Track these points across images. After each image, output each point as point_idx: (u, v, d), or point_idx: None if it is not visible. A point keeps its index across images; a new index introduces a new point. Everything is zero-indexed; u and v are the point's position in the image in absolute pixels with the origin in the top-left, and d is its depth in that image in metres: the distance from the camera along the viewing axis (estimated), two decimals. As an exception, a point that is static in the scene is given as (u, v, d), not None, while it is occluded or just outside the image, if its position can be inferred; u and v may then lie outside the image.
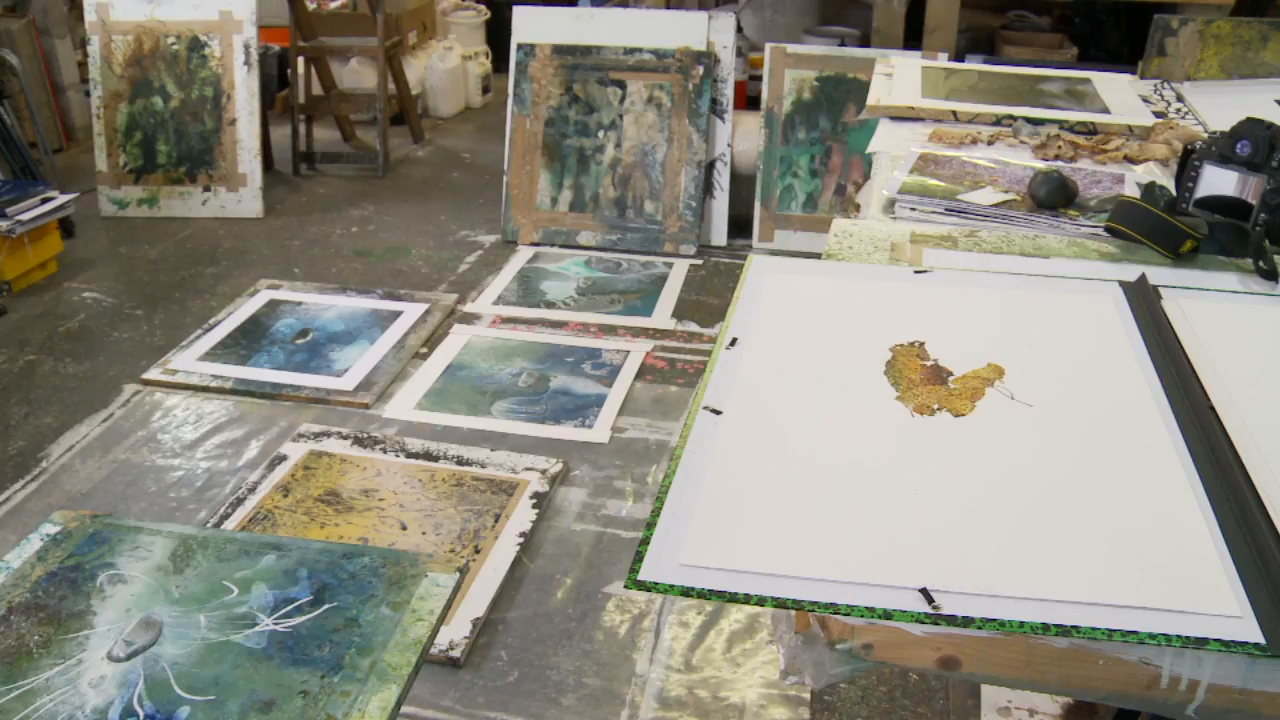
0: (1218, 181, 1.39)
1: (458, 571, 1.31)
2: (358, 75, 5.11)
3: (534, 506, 2.41)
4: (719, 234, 3.80)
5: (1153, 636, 0.74)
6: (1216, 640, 0.73)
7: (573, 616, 2.16)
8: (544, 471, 2.53)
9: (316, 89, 4.76)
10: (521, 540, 2.31)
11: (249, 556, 1.34)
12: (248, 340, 3.12)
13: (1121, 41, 4.61)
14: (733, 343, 1.06)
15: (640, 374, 3.00)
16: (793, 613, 0.81)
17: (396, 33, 4.78)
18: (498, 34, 5.58)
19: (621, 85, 3.75)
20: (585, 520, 2.42)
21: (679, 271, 3.62)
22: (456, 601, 2.08)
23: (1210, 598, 0.76)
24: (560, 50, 3.81)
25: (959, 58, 3.86)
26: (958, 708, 1.98)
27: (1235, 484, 0.88)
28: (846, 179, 3.68)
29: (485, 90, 5.73)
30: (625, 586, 0.79)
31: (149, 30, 3.99)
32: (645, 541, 0.81)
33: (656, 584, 0.77)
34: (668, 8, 4.21)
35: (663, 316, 3.31)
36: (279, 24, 4.60)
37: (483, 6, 5.95)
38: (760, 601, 0.76)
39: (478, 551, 2.26)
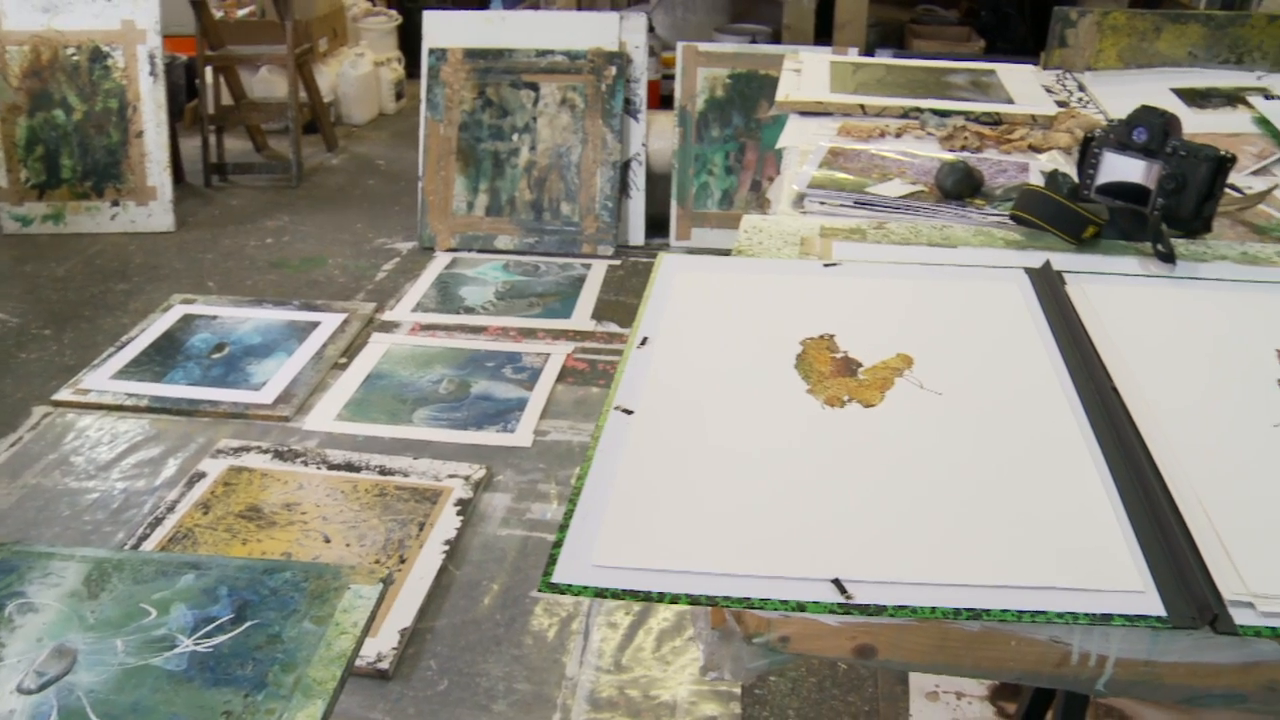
0: (1117, 168, 1.41)
1: (381, 582, 1.30)
2: (268, 84, 5.04)
3: (458, 513, 2.39)
4: (636, 234, 3.81)
5: (1060, 616, 0.75)
6: (1121, 616, 0.75)
7: (501, 622, 2.15)
8: (467, 478, 2.51)
9: (226, 99, 4.68)
10: (447, 548, 2.29)
11: (167, 577, 1.32)
12: (162, 357, 3.07)
13: (1027, 33, 4.69)
14: (643, 342, 1.06)
15: (561, 376, 2.99)
16: (709, 609, 0.81)
17: (306, 40, 4.72)
18: (410, 39, 5.53)
19: (535, 88, 3.74)
20: (510, 525, 2.41)
21: (597, 272, 3.62)
22: (382, 612, 2.06)
23: (1115, 575, 0.78)
24: (472, 54, 3.79)
25: (869, 52, 3.91)
26: (886, 694, 2.00)
27: (1138, 463, 0.89)
28: (762, 175, 3.71)
29: (399, 96, 5.68)
30: (539, 590, 0.78)
31: (47, 41, 3.90)
32: (558, 544, 0.81)
33: (570, 586, 0.77)
34: (579, 9, 4.20)
35: (582, 318, 3.31)
36: (185, 33, 4.51)
37: (394, 12, 5.90)
38: (674, 599, 0.76)
39: (403, 561, 2.25)
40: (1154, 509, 0.85)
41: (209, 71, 4.49)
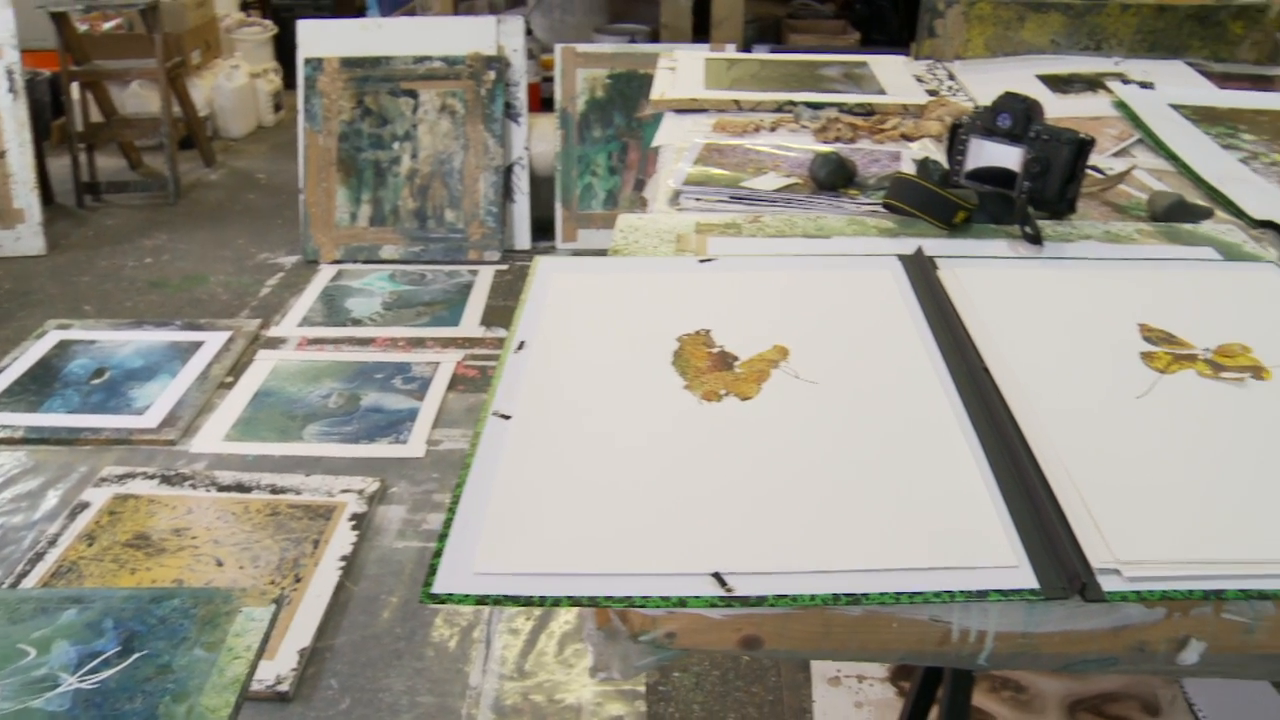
0: (984, 154, 1.45)
1: (273, 603, 1.27)
2: (140, 99, 4.91)
3: (354, 528, 2.36)
4: (522, 238, 3.79)
5: (938, 595, 0.76)
6: (996, 591, 0.77)
7: (401, 636, 2.12)
8: (361, 492, 2.48)
9: (96, 116, 4.55)
10: (343, 564, 2.26)
11: (47, 614, 1.28)
12: (38, 385, 2.97)
13: (900, 25, 4.77)
14: (520, 346, 1.06)
15: (452, 384, 2.97)
16: (594, 610, 0.81)
17: (178, 53, 4.61)
18: (287, 49, 5.44)
19: (414, 95, 3.71)
20: (406, 537, 2.39)
21: (484, 278, 3.60)
22: (280, 633, 2.03)
23: (989, 551, 0.80)
24: (349, 63, 3.74)
25: (747, 48, 3.94)
26: (789, 682, 2.02)
27: (1009, 441, 0.91)
28: (645, 174, 3.72)
29: (277, 108, 5.58)
30: (420, 601, 0.77)
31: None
32: (438, 554, 0.80)
33: (451, 595, 0.76)
34: (456, 14, 4.17)
35: (471, 325, 3.29)
36: (46, 47, 4.37)
37: (269, 22, 5.79)
38: (556, 602, 0.76)
39: (299, 580, 2.21)
40: (1025, 485, 0.87)
41: (75, 87, 4.36)
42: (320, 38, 3.77)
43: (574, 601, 0.76)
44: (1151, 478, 0.89)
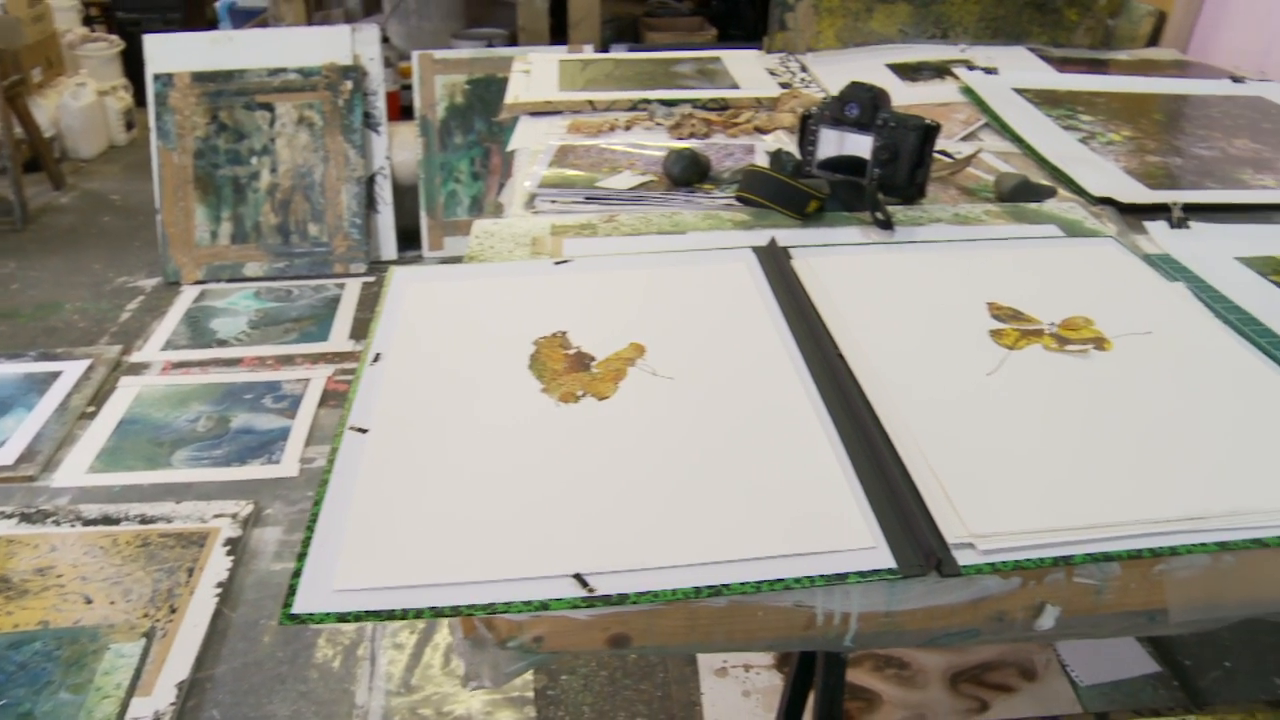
0: (835, 143, 1.47)
1: (143, 637, 1.24)
2: (-21, 123, 4.72)
3: (229, 554, 2.30)
4: (388, 248, 3.74)
5: (798, 581, 0.77)
6: (855, 573, 0.78)
7: (284, 659, 2.08)
8: (235, 516, 2.42)
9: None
10: (220, 591, 2.20)
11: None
12: (-120, 428, 2.84)
13: (757, 20, 4.82)
14: (376, 359, 1.04)
15: (323, 400, 2.92)
16: (461, 620, 0.80)
17: (16, 71, 4.44)
18: (136, 65, 5.28)
19: (270, 108, 3.63)
20: (284, 559, 2.34)
21: (352, 291, 3.55)
22: (155, 667, 1.96)
23: (847, 534, 0.81)
24: (201, 77, 3.65)
25: (605, 48, 3.95)
26: (677, 677, 2.03)
27: (864, 424, 0.93)
28: (508, 179, 3.71)
29: (129, 126, 5.41)
30: (280, 623, 0.76)
31: None
32: (297, 574, 0.79)
33: (311, 615, 0.75)
34: (310, 24, 4.10)
35: (340, 339, 3.24)
36: None
37: (114, 37, 5.61)
38: (419, 614, 0.75)
39: (174, 611, 2.14)
40: (881, 467, 0.88)
41: (-94, 113, 4.17)
42: (169, 52, 3.67)
43: (436, 612, 0.75)
44: (1002, 452, 0.92)
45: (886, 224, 1.37)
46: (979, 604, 0.83)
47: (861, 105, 1.45)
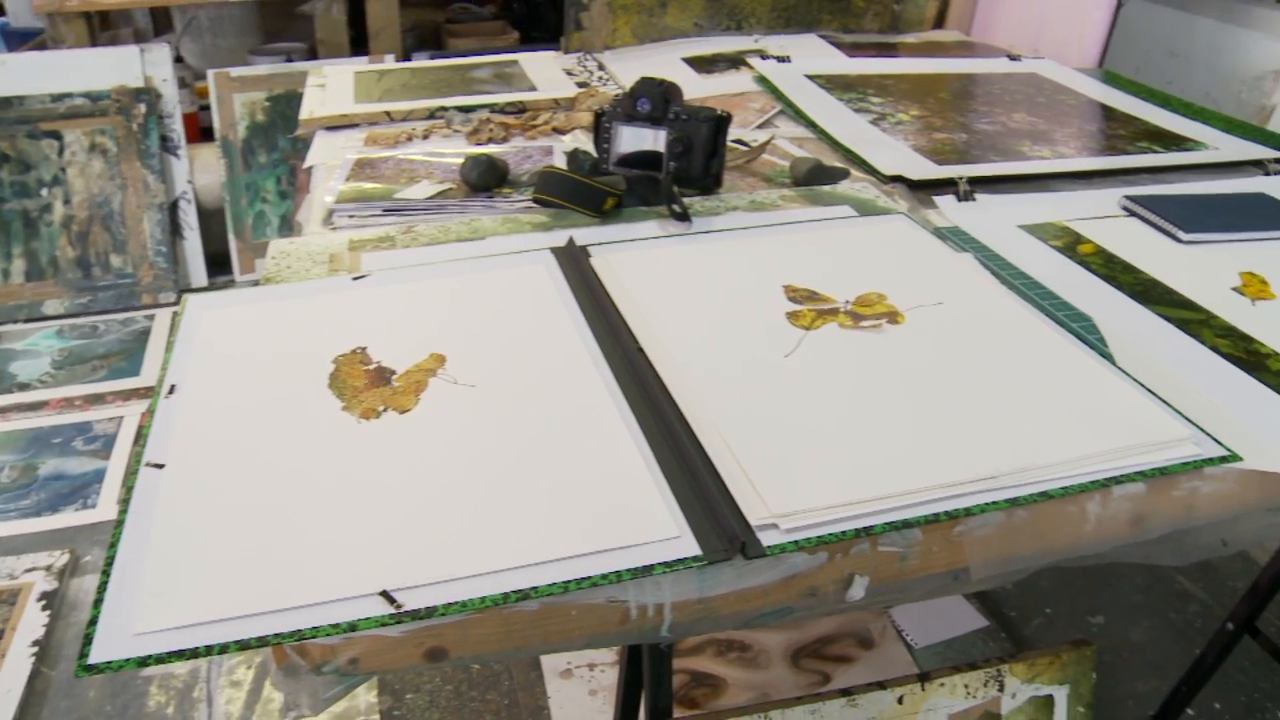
0: (630, 139, 1.48)
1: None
2: None
3: (44, 608, 2.20)
4: (198, 275, 3.62)
5: (605, 576, 0.77)
6: (661, 564, 0.79)
7: (113, 713, 1.99)
8: (49, 567, 2.31)
9: None
10: (36, 649, 2.10)
11: None
12: None
13: (558, 20, 4.83)
14: (171, 390, 1.01)
15: (139, 438, 2.81)
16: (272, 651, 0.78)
17: None
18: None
19: (57, 136, 3.47)
20: (105, 605, 2.24)
21: (163, 322, 3.42)
22: (-31, 736, 1.86)
23: (652, 526, 0.81)
24: (-22, 109, 3.47)
25: (407, 57, 3.90)
26: (523, 683, 2.02)
27: (665, 417, 0.94)
28: (305, 195, 3.63)
29: (-92, 166, 5.11)
30: (76, 675, 0.72)
31: None
32: (93, 622, 0.75)
33: (110, 663, 0.72)
34: (95, 45, 3.93)
35: (153, 373, 3.12)
36: None
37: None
38: (223, 649, 0.72)
39: (-13, 673, 2.04)
40: (683, 456, 0.89)
41: None
42: (-62, 83, 3.47)
43: (241, 645, 0.73)
44: (802, 431, 0.94)
45: (683, 216, 1.38)
46: (790, 582, 0.85)
47: (653, 100, 1.46)
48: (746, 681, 2.03)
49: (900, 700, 1.19)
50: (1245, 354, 1.16)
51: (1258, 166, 1.77)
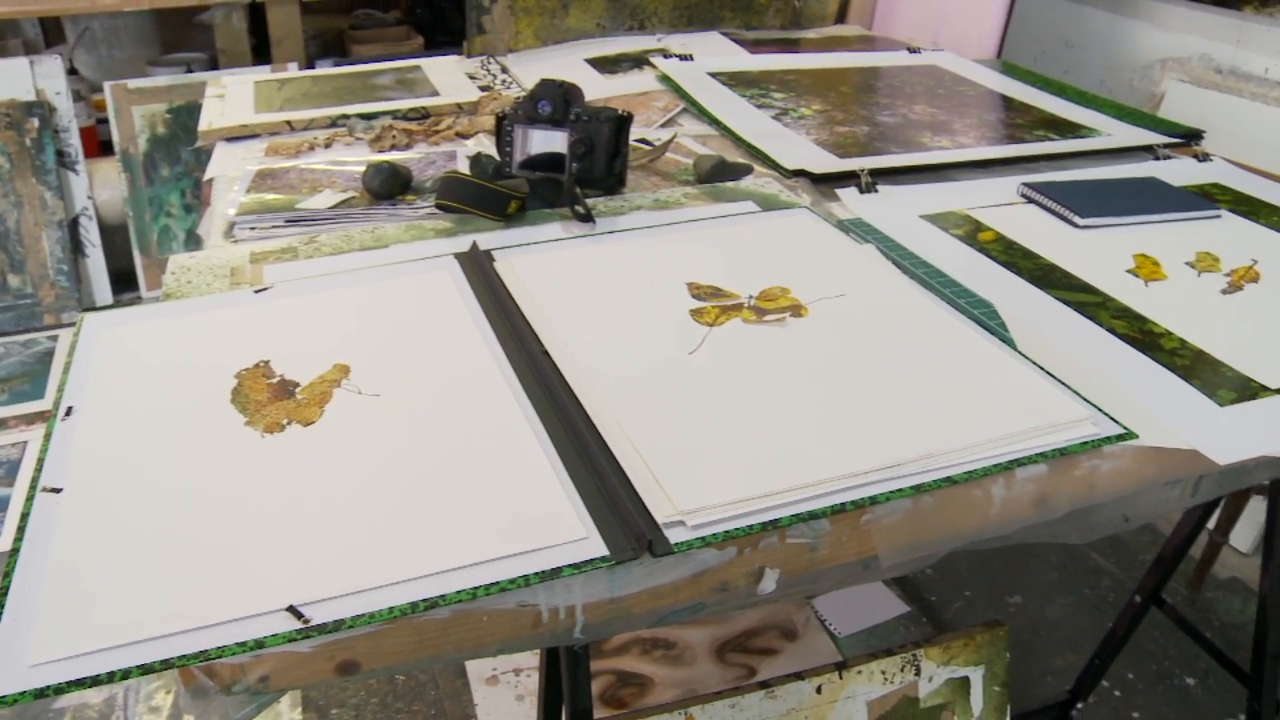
0: (532, 142, 1.48)
1: None
2: None
3: (-49, 639, 2.14)
4: (102, 293, 3.55)
5: (513, 581, 0.77)
6: (569, 566, 0.79)
7: (25, 745, 1.95)
8: (-45, 597, 2.25)
9: None
10: (-56, 680, 2.04)
11: None
12: None
13: (463, 24, 4.79)
14: (68, 413, 0.99)
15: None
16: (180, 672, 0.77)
17: None
18: None
19: (-51, 156, 3.38)
20: (16, 634, 2.19)
21: (66, 343, 3.34)
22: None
23: (558, 529, 0.82)
24: None
25: (310, 65, 3.86)
26: (449, 692, 2.01)
27: (571, 419, 0.94)
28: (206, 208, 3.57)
29: None
30: (-29, 709, 0.71)
31: None
32: (-13, 655, 0.74)
33: (5, 698, 0.70)
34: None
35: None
36: None
37: None
38: (125, 675, 0.71)
39: (-107, 710, 1.98)
40: (589, 458, 0.89)
41: None
42: None
43: (144, 670, 0.72)
44: (708, 428, 0.94)
45: (587, 217, 1.39)
46: (700, 578, 0.85)
47: (553, 102, 1.46)
48: (673, 679, 2.04)
49: (819, 690, 1.20)
50: (1140, 334, 1.19)
51: (1148, 152, 1.82)
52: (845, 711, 1.22)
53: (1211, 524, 2.45)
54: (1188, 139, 1.89)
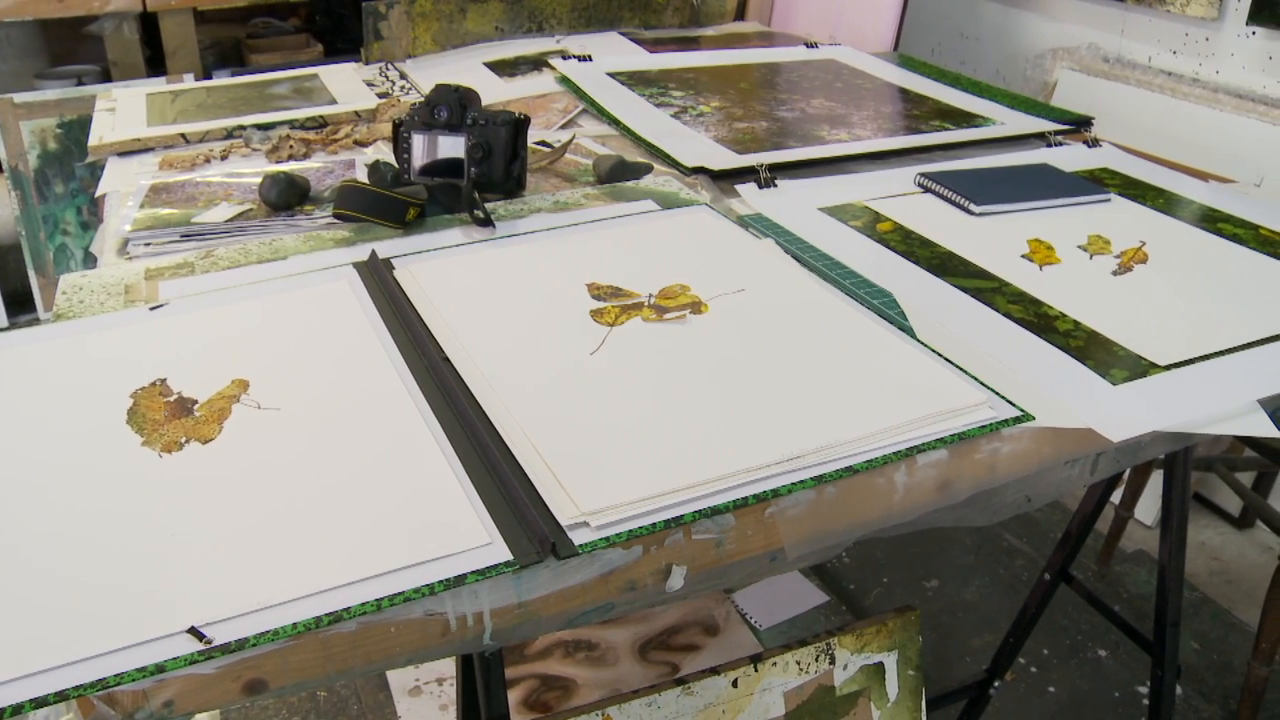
0: (430, 148, 1.48)
1: None
2: None
3: None
4: (-2, 315, 3.46)
5: (417, 590, 0.77)
6: (473, 572, 0.79)
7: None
8: None
9: None
10: None
11: None
12: None
13: (362, 31, 4.75)
14: (-46, 440, 0.96)
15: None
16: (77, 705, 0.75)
17: None
18: None
19: None
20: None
21: (-37, 366, 3.26)
22: None
23: (462, 536, 0.81)
24: None
25: (208, 75, 3.79)
26: (371, 705, 1.99)
27: (472, 425, 0.94)
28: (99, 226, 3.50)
29: None
30: None
31: None
32: None
33: (-108, 737, 0.68)
34: None
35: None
36: None
37: None
38: (16, 710, 0.70)
39: None
40: (491, 463, 0.89)
41: None
42: None
43: (37, 703, 0.70)
44: (609, 429, 0.95)
45: (486, 221, 1.38)
46: (608, 578, 0.86)
47: (450, 107, 1.46)
48: (596, 680, 2.05)
49: (735, 684, 1.21)
50: (1035, 317, 1.22)
51: (1041, 139, 1.86)
52: (762, 704, 1.23)
53: (1117, 499, 2.52)
54: (1078, 126, 1.93)
